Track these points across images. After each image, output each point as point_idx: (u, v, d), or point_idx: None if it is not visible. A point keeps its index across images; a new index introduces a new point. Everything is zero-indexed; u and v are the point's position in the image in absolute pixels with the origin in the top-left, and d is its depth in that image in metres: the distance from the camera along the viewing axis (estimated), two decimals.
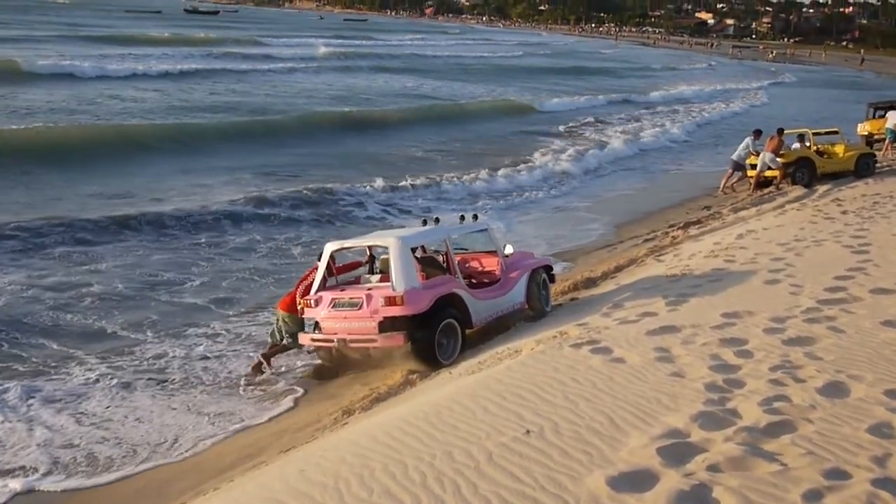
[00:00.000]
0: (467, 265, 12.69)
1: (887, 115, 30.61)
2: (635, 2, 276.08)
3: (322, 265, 11.52)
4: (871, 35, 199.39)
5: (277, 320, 11.76)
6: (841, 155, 24.68)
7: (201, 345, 12.30)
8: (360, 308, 10.77)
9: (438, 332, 10.81)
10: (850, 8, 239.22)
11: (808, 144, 24.52)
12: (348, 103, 41.45)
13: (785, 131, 24.97)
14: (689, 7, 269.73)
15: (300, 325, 11.51)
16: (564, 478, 5.58)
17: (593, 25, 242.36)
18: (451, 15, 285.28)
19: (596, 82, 66.93)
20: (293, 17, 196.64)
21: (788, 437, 6.00)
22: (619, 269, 15.34)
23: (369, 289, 11.10)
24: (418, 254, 11.91)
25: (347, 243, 12.13)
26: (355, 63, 66.17)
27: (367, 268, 12.36)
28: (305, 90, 46.81)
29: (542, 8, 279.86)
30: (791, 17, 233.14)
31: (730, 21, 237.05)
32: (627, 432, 6.26)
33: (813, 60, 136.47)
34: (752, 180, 23.49)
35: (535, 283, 12.57)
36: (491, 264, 12.72)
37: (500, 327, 12.05)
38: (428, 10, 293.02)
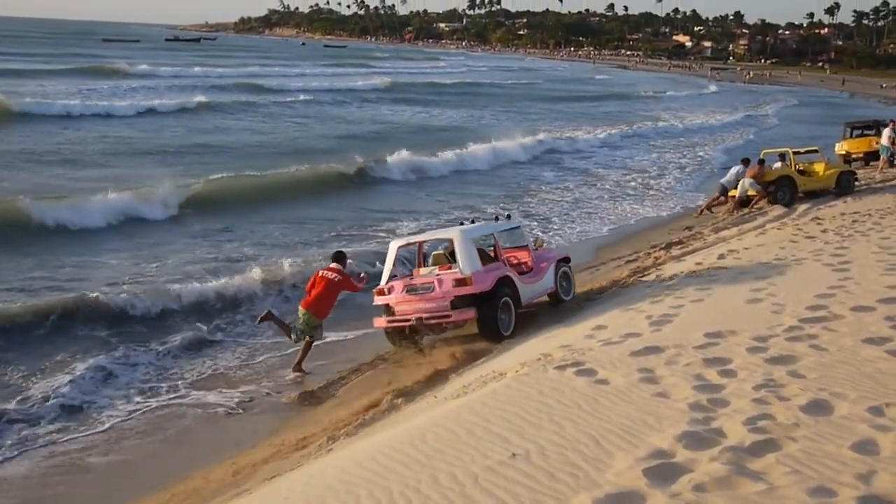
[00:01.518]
0: (512, 258, 14.73)
1: (883, 131, 31.03)
2: (613, 25, 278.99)
3: (389, 259, 13.65)
4: (847, 56, 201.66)
5: (300, 318, 12.79)
6: (821, 173, 25.02)
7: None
8: (434, 290, 12.89)
9: (500, 307, 12.99)
10: (826, 29, 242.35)
11: (788, 163, 24.81)
12: None
13: (766, 151, 25.35)
14: (667, 30, 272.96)
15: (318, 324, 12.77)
16: (551, 500, 5.57)
17: (572, 49, 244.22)
18: (430, 40, 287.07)
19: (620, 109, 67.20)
20: (279, 44, 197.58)
21: (773, 456, 6.01)
22: (601, 290, 15.40)
23: (438, 277, 13.01)
24: None
25: (411, 239, 14.71)
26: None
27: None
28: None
29: (521, 32, 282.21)
30: (767, 38, 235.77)
31: (707, 43, 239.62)
32: (613, 454, 6.26)
33: (791, 81, 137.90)
34: (733, 202, 23.77)
35: (561, 272, 15.04)
36: (524, 257, 14.85)
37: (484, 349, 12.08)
38: (407, 36, 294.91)
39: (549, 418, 7.16)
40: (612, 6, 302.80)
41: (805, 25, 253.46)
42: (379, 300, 13.31)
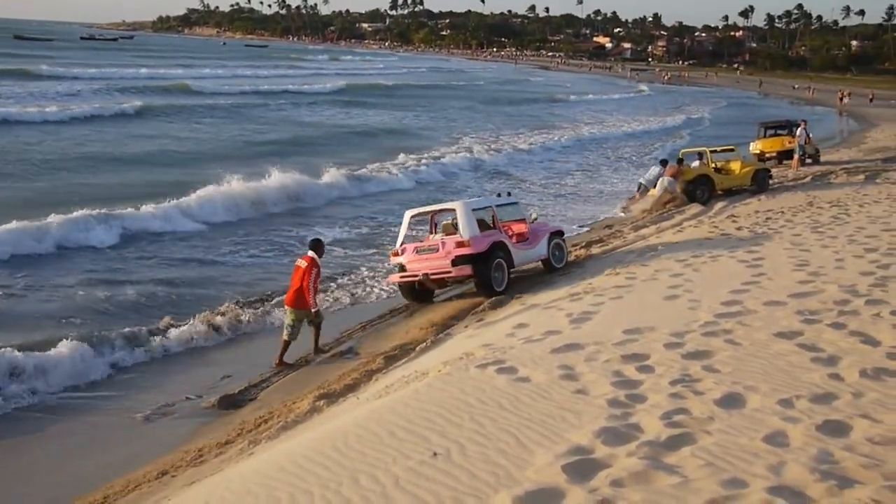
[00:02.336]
0: (506, 228, 16.77)
1: (796, 131, 31.95)
2: (535, 26, 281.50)
3: (403, 226, 16.35)
4: (761, 57, 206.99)
5: (288, 316, 12.99)
6: (738, 171, 25.69)
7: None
8: (438, 251, 15.46)
9: (493, 267, 15.26)
10: (740, 32, 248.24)
11: (706, 162, 25.39)
12: None
13: (684, 151, 25.90)
14: (588, 32, 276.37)
15: (303, 318, 12.97)
16: (471, 499, 5.59)
17: (494, 50, 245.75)
18: (353, 40, 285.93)
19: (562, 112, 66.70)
20: (200, 44, 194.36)
21: (688, 450, 6.13)
22: (523, 289, 15.52)
23: (442, 241, 15.55)
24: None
25: (422, 210, 17.20)
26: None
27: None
28: None
29: (443, 33, 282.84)
30: (685, 40, 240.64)
31: (627, 45, 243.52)
32: (533, 451, 6.31)
33: (708, 82, 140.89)
34: (650, 200, 24.27)
35: (554, 242, 17.12)
36: (521, 228, 17.18)
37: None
38: (330, 36, 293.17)
39: (470, 417, 7.18)
40: (533, 7, 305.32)
41: (720, 28, 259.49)
42: (394, 260, 16.04)
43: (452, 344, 11.91)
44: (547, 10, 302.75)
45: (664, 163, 25.35)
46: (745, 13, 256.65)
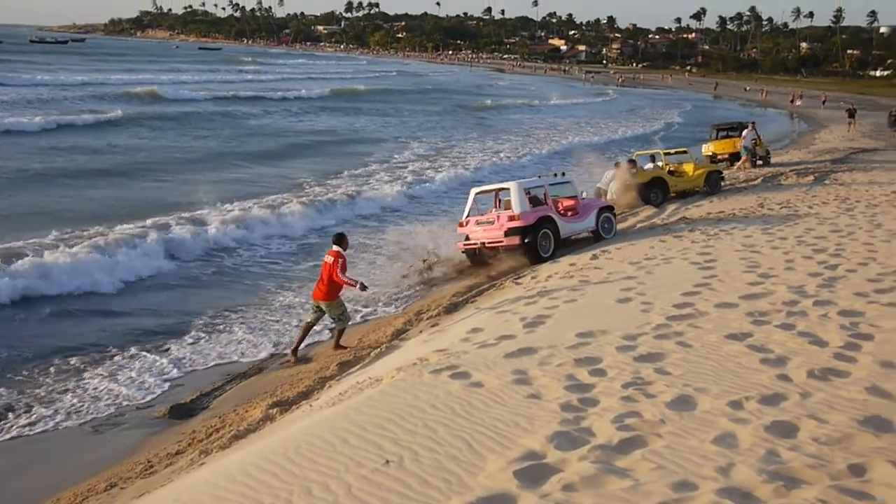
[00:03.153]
0: (560, 204, 19.40)
1: (743, 133, 32.37)
2: (491, 29, 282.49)
3: (469, 202, 18.95)
4: (713, 59, 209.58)
5: (313, 308, 13.39)
6: (691, 173, 25.94)
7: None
8: (494, 224, 18.06)
9: (539, 237, 17.82)
10: (693, 34, 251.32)
11: (660, 164, 25.61)
12: None
13: (637, 153, 26.07)
14: (543, 34, 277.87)
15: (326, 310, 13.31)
16: None
17: (450, 52, 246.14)
18: (308, 43, 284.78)
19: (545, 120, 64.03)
20: (154, 47, 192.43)
21: (639, 453, 6.17)
22: (479, 293, 15.55)
23: (498, 215, 18.15)
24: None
25: (484, 188, 19.98)
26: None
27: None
28: None
29: (399, 36, 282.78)
30: (639, 42, 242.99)
31: (581, 47, 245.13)
32: (485, 457, 6.31)
33: (662, 84, 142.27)
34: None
35: (603, 216, 19.63)
36: (572, 203, 19.64)
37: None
38: (285, 39, 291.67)
39: (423, 423, 7.17)
40: (489, 10, 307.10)
41: (674, 30, 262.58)
42: (460, 231, 18.71)
43: (407, 349, 11.88)
44: (502, 12, 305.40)
45: (617, 164, 25.48)
46: (698, 15, 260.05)
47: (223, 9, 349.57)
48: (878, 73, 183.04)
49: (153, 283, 17.28)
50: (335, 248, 13.47)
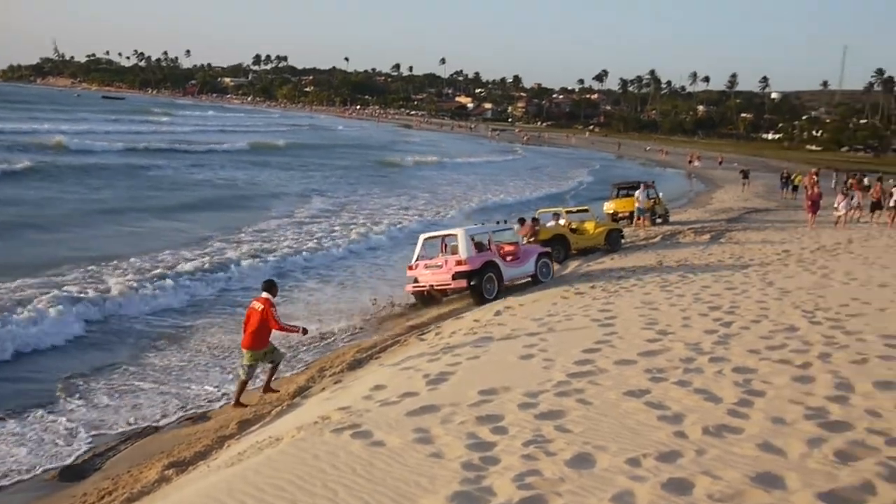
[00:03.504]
0: (502, 249, 20.98)
1: (636, 194, 33.23)
2: (399, 85, 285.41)
3: (417, 246, 20.63)
4: (615, 120, 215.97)
5: (243, 357, 13.11)
6: (592, 231, 26.53)
7: None
8: (442, 267, 19.54)
9: (484, 281, 19.29)
10: (596, 95, 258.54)
11: (562, 222, 26.13)
12: None
13: (540, 210, 26.63)
14: (450, 91, 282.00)
15: (259, 358, 13.16)
16: None
17: (358, 107, 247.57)
18: (215, 95, 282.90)
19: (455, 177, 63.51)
20: (56, 94, 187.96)
21: None
22: (382, 349, 15.49)
23: (445, 259, 19.71)
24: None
25: (432, 234, 21.88)
26: None
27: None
28: None
29: (307, 89, 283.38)
30: (543, 102, 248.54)
31: (488, 105, 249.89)
32: None
33: (567, 143, 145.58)
34: None
35: (541, 261, 21.20)
36: (513, 249, 21.32)
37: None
38: (191, 90, 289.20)
39: (322, 484, 7.08)
40: (397, 66, 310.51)
41: (577, 90, 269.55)
42: (409, 273, 20.22)
43: (309, 407, 11.72)
44: (410, 69, 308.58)
45: (522, 221, 25.90)
46: (600, 77, 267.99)
47: (127, 58, 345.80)
48: (769, 136, 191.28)
49: (45, 347, 16.56)
50: (265, 294, 13.22)
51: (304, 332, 13.73)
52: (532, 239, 24.09)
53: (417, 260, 20.16)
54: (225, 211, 36.56)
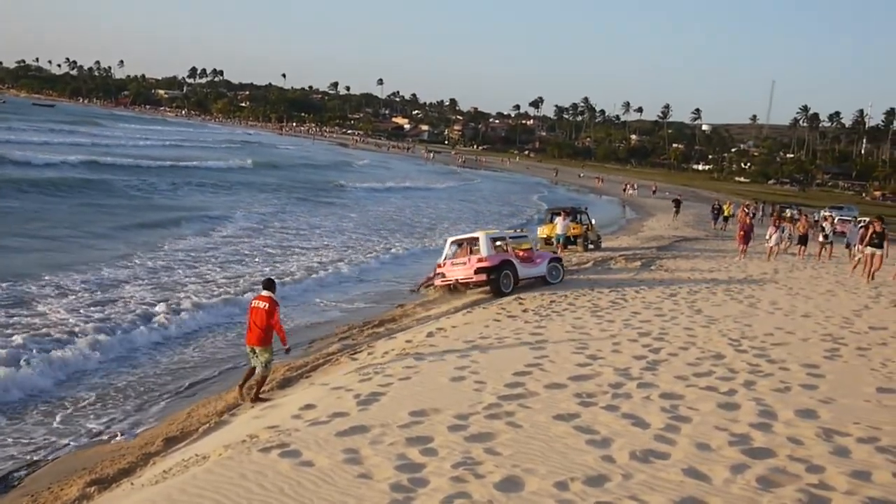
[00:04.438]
0: (518, 252, 23.84)
1: (556, 220, 33.58)
2: (335, 103, 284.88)
3: (446, 248, 24.49)
4: (550, 146, 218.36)
5: (250, 355, 13.34)
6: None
7: None
8: (466, 265, 22.80)
9: (501, 276, 22.35)
10: (531, 120, 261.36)
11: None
12: None
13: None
14: (387, 112, 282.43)
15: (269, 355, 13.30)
16: None
17: (294, 124, 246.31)
18: (148, 106, 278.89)
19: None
20: None
21: None
22: (314, 367, 15.35)
23: (469, 258, 22.96)
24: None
25: (458, 237, 25.25)
26: None
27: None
28: None
29: (243, 105, 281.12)
30: (480, 126, 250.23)
31: (425, 127, 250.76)
32: None
33: (501, 167, 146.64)
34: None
35: (552, 265, 24.12)
36: (529, 253, 24.21)
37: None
38: (123, 101, 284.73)
39: None
40: (335, 85, 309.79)
41: (513, 116, 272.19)
42: (438, 270, 23.67)
43: (237, 425, 11.55)
44: (348, 88, 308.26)
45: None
46: (536, 103, 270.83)
47: (58, 66, 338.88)
48: (700, 167, 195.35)
49: None
50: (266, 293, 13.37)
51: (288, 350, 13.77)
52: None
53: (445, 259, 23.75)
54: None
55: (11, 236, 28.68)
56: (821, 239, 34.37)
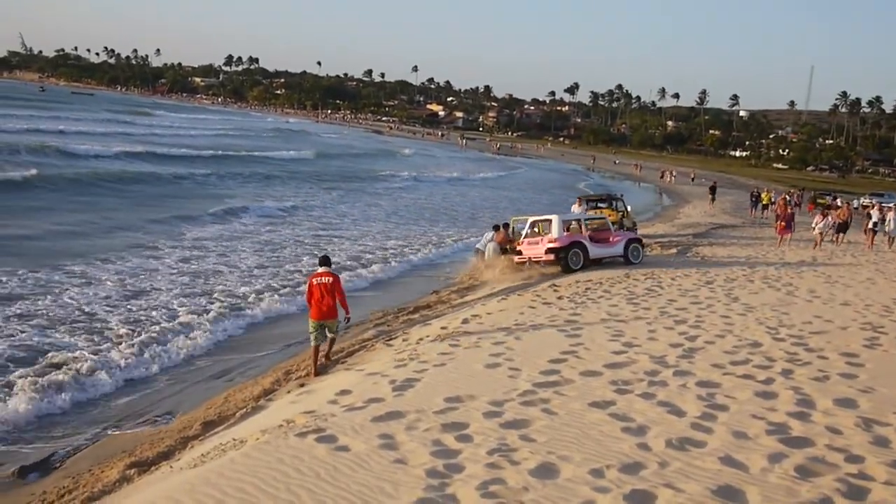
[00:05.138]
0: (595, 232, 25.89)
1: (572, 208, 33.67)
2: (370, 91, 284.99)
3: (525, 227, 26.07)
4: (585, 132, 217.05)
5: (314, 330, 14.27)
6: None
7: None
8: (539, 244, 24.59)
9: (570, 255, 24.21)
10: (567, 107, 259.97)
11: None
12: None
13: (514, 218, 27.49)
14: (422, 98, 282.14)
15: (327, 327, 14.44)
16: None
17: (329, 112, 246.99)
18: (185, 94, 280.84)
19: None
20: (19, 88, 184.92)
21: None
22: (349, 353, 15.42)
23: (542, 238, 24.78)
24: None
25: (536, 217, 26.75)
26: None
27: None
28: None
29: (278, 92, 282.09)
30: (514, 112, 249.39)
31: (459, 114, 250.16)
32: None
33: (536, 154, 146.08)
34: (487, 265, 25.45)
35: (632, 246, 25.56)
36: (605, 235, 25.92)
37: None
38: (160, 89, 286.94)
39: (286, 488, 7.05)
40: (369, 72, 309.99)
41: (548, 102, 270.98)
42: (518, 248, 25.34)
43: (274, 410, 11.65)
44: (382, 75, 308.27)
45: (496, 228, 26.81)
46: (571, 90, 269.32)
47: (97, 54, 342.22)
48: (737, 153, 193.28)
49: None
50: (324, 268, 14.55)
51: (348, 314, 14.82)
52: (509, 245, 25.92)
53: (524, 238, 25.46)
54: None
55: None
56: (870, 226, 33.80)
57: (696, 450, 7.88)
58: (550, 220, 25.17)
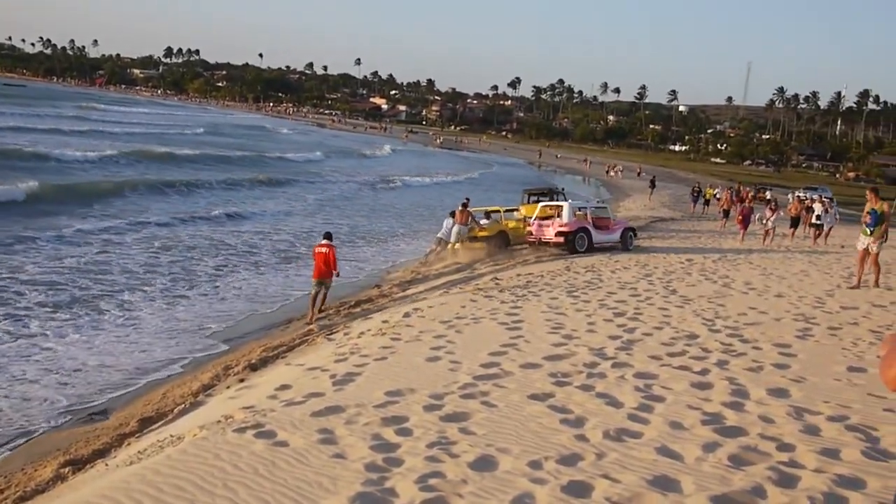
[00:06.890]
0: (598, 219, 28.74)
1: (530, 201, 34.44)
2: (313, 84, 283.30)
3: (537, 211, 29.17)
4: (528, 126, 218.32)
5: (314, 285, 18.64)
6: (523, 228, 29.33)
7: None
8: (549, 227, 27.50)
9: (577, 238, 27.05)
10: (509, 101, 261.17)
11: (497, 220, 29.75)
12: None
13: (473, 209, 28.65)
14: (364, 92, 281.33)
15: (325, 284, 18.75)
16: None
17: (271, 105, 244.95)
18: (123, 86, 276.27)
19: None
20: None
21: None
22: (290, 348, 15.35)
23: (553, 221, 27.63)
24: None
25: (550, 204, 29.94)
26: None
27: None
28: None
29: (219, 84, 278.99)
30: (457, 106, 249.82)
31: (402, 107, 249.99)
32: None
33: (480, 148, 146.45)
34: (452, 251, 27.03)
35: (628, 234, 28.60)
36: (607, 222, 28.98)
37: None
38: (98, 80, 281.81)
39: (223, 484, 6.98)
40: (311, 65, 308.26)
41: (490, 96, 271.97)
42: (528, 228, 28.39)
43: (212, 406, 11.54)
44: (325, 68, 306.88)
45: (453, 214, 27.90)
46: (514, 84, 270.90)
47: (32, 44, 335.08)
48: (676, 148, 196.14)
49: None
50: (325, 241, 19.13)
51: (338, 274, 19.17)
52: (469, 225, 27.48)
53: (534, 220, 28.31)
54: None
55: None
56: (813, 220, 34.21)
57: (633, 440, 7.98)
58: (562, 207, 27.91)
